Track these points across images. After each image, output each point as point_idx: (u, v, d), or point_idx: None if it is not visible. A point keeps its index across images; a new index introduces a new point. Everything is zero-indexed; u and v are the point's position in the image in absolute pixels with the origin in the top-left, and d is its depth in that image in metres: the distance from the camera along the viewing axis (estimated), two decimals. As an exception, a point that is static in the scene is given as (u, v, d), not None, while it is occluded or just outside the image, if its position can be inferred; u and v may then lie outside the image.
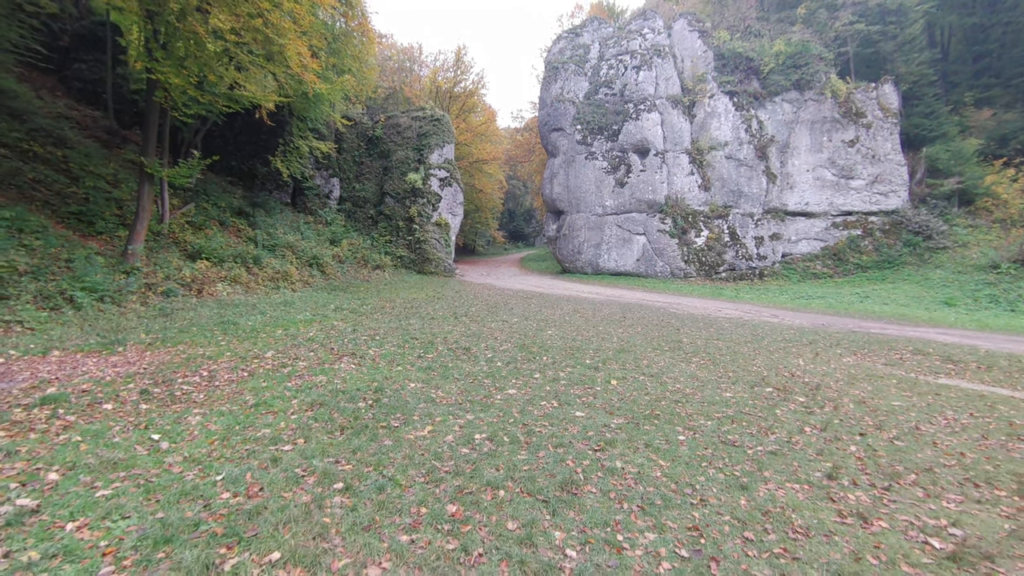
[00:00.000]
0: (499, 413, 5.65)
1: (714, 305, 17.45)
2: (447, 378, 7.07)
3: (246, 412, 5.64)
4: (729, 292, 21.84)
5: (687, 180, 25.65)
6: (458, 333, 10.29)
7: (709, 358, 8.62)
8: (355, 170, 27.91)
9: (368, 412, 5.61)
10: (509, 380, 6.99)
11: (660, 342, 9.87)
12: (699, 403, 6.15)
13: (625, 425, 5.29)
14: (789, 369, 7.99)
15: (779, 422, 5.51)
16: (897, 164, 24.88)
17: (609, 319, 12.82)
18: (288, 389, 6.51)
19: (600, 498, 3.71)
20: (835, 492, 3.94)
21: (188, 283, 14.72)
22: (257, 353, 8.38)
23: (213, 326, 10.76)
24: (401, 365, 7.78)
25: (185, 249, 16.39)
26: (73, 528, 3.18)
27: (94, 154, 17.38)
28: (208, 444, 4.68)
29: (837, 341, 10.53)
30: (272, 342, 9.32)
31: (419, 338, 9.67)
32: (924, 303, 19.68)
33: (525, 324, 11.61)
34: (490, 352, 8.73)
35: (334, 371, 7.39)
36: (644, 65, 26.18)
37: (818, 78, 25.18)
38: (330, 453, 4.46)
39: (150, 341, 9.28)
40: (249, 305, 13.73)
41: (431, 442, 4.74)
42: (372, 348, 8.82)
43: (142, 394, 6.22)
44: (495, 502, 3.60)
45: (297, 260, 19.94)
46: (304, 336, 9.89)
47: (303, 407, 5.78)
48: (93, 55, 20.16)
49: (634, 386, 6.81)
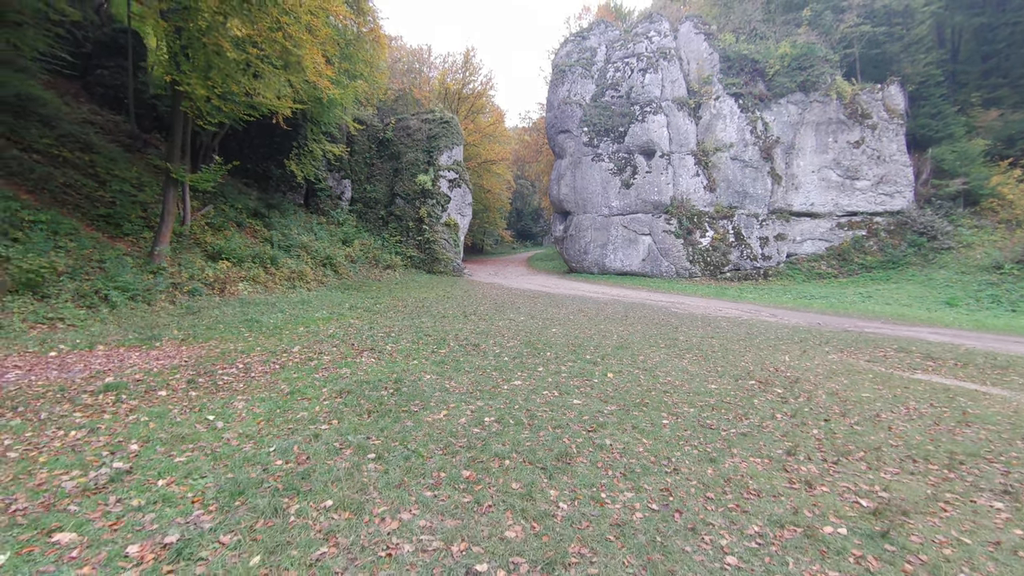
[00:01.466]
0: (506, 400, 6.43)
1: (716, 305, 18.11)
2: (459, 371, 7.87)
3: (283, 399, 6.47)
4: (732, 292, 22.46)
5: (692, 181, 26.28)
6: (468, 330, 11.10)
7: (701, 354, 9.36)
8: (366, 172, 28.82)
9: (391, 399, 6.43)
10: (515, 373, 7.78)
11: (657, 340, 10.61)
12: (685, 393, 6.90)
13: (617, 411, 6.05)
14: (774, 365, 8.71)
15: (754, 410, 6.25)
16: (902, 165, 25.34)
17: (611, 318, 13.56)
18: (317, 380, 7.34)
19: (589, 467, 4.49)
20: (790, 465, 4.69)
21: (211, 282, 15.60)
22: (284, 348, 9.23)
23: (239, 323, 11.60)
24: (416, 359, 8.59)
25: (206, 250, 17.28)
26: (163, 484, 4.02)
27: (118, 158, 18.38)
28: (256, 424, 5.51)
29: (827, 339, 11.21)
30: (296, 338, 10.17)
31: (432, 335, 10.49)
32: (926, 303, 20.17)
33: (531, 322, 12.40)
34: (498, 348, 9.53)
35: (356, 364, 8.22)
36: (650, 68, 26.83)
37: (823, 80, 25.69)
38: (361, 431, 5.27)
39: (183, 337, 10.14)
40: (269, 304, 14.57)
41: (447, 423, 5.54)
42: (389, 344, 9.65)
43: (189, 383, 7.08)
44: (502, 469, 4.39)
45: (312, 260, 20.83)
46: (324, 333, 10.73)
47: (333, 395, 6.61)
48: (115, 61, 21.20)
49: (629, 379, 7.57)
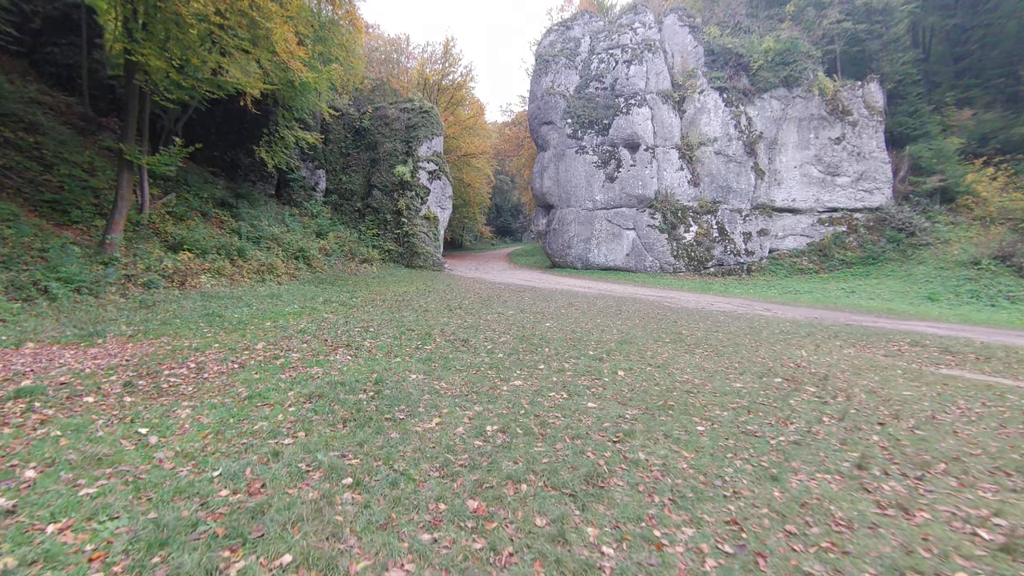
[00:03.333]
0: (508, 404, 5.40)
1: (706, 299, 17.40)
2: (449, 369, 6.79)
3: (240, 405, 5.30)
4: (718, 287, 21.87)
5: (677, 175, 25.62)
6: (455, 325, 10.01)
7: (712, 349, 8.47)
8: (342, 162, 27.33)
9: (370, 404, 5.32)
10: (513, 371, 6.74)
11: (660, 334, 9.71)
12: (711, 393, 5.97)
13: (640, 416, 5.08)
14: (794, 360, 7.88)
15: (795, 412, 5.36)
16: (881, 162, 25.17)
17: (605, 312, 12.63)
18: (283, 381, 6.17)
19: (628, 491, 3.48)
20: (868, 482, 3.78)
21: (170, 274, 14.18)
22: (247, 345, 7.99)
23: (198, 318, 10.32)
24: (399, 356, 7.47)
25: (166, 240, 15.81)
26: (55, 530, 2.84)
27: (69, 141, 16.67)
28: (201, 438, 4.34)
29: (834, 333, 10.49)
30: (261, 334, 8.94)
31: (415, 330, 9.36)
32: (908, 298, 19.92)
33: (521, 316, 11.37)
34: (490, 344, 8.47)
35: (330, 363, 7.06)
36: (635, 59, 26.04)
37: (806, 75, 25.32)
38: (334, 447, 4.16)
39: (131, 333, 8.83)
40: (234, 297, 13.25)
41: (441, 434, 4.47)
42: (367, 340, 8.49)
43: (126, 386, 5.83)
44: (518, 497, 3.35)
45: (283, 253, 19.39)
46: (295, 328, 9.51)
47: (301, 399, 5.46)
48: (67, 38, 19.32)
49: (642, 377, 6.61)
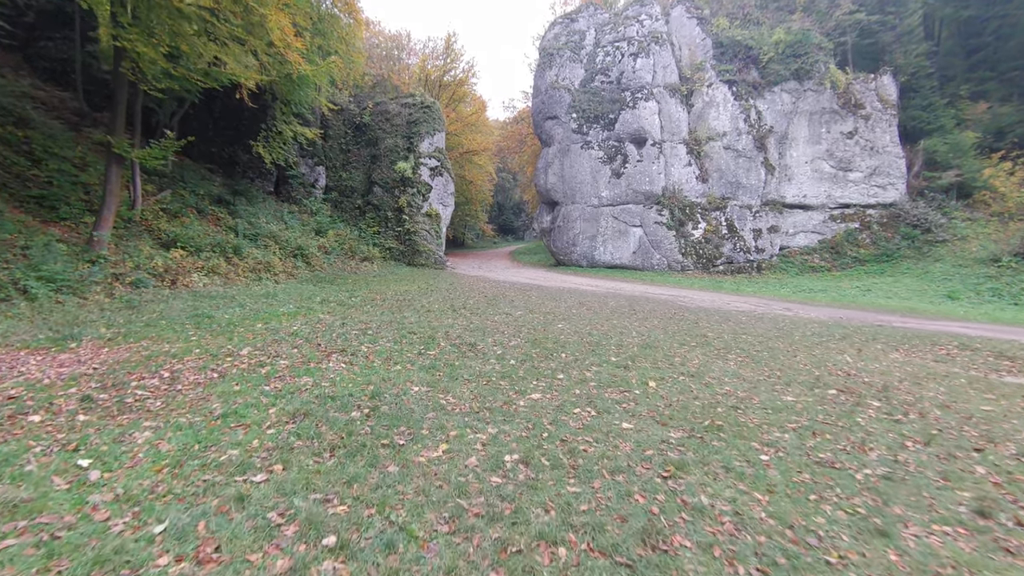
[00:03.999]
0: (527, 424, 4.52)
1: (720, 298, 16.52)
2: (456, 379, 5.91)
3: (211, 425, 4.43)
4: (729, 285, 20.98)
5: (684, 171, 24.71)
6: (460, 327, 9.13)
7: (745, 355, 7.59)
8: (342, 158, 26.43)
9: (364, 424, 4.44)
10: (529, 381, 5.86)
11: (684, 337, 8.82)
12: (761, 409, 5.09)
13: (688, 440, 4.20)
14: (840, 367, 7.00)
15: (869, 434, 4.48)
16: (895, 156, 24.24)
17: (618, 312, 11.76)
18: (265, 394, 5.30)
19: (701, 556, 2.60)
20: (1002, 537, 2.91)
21: (160, 273, 13.33)
22: (231, 350, 7.12)
23: (185, 319, 9.47)
24: (399, 364, 6.60)
25: (159, 238, 14.96)
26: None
27: (59, 135, 15.80)
28: (154, 472, 3.47)
29: (871, 336, 9.60)
30: (250, 337, 8.07)
31: (417, 333, 8.48)
32: (927, 296, 19.04)
33: (531, 317, 10.49)
34: (499, 348, 7.59)
35: (321, 371, 6.18)
36: (641, 52, 25.11)
37: (817, 68, 24.38)
38: (316, 486, 3.29)
39: (110, 336, 7.98)
40: (227, 297, 12.40)
41: (449, 467, 3.59)
42: (365, 344, 7.62)
43: (83, 402, 4.97)
44: (558, 568, 2.48)
45: (281, 251, 18.52)
46: (287, 330, 8.64)
47: (283, 418, 4.59)
48: (61, 32, 18.46)
49: (677, 388, 5.73)
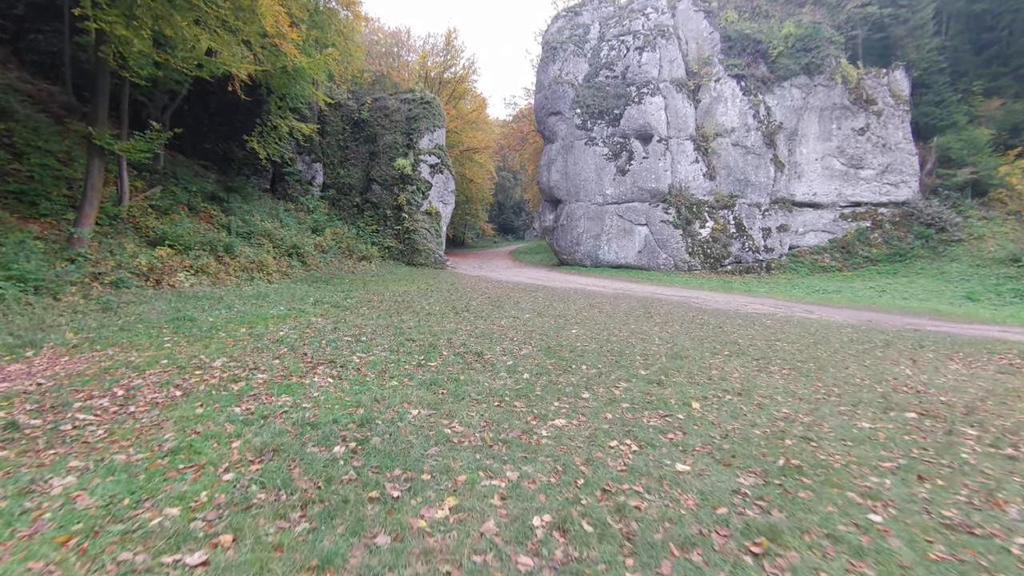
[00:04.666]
0: (554, 464, 3.53)
1: (734, 299, 15.55)
2: (462, 399, 4.92)
3: (154, 466, 3.44)
4: (740, 286, 20.02)
5: (691, 168, 23.72)
6: (464, 333, 8.13)
7: (788, 366, 6.61)
8: (340, 155, 25.38)
9: (349, 465, 3.45)
10: (549, 402, 4.87)
11: (713, 344, 7.84)
12: (837, 441, 4.10)
13: (765, 490, 3.21)
14: (902, 381, 6.03)
15: (988, 478, 3.50)
16: (908, 153, 23.29)
17: (632, 315, 10.78)
18: (233, 419, 4.31)
19: None
20: None
21: (144, 272, 12.33)
22: (203, 361, 6.12)
23: (164, 323, 8.48)
24: (396, 378, 5.60)
25: (147, 235, 13.97)
26: None
27: (44, 129, 14.76)
28: (54, 548, 2.48)
29: (916, 342, 8.62)
30: (230, 344, 7.08)
31: (416, 339, 7.48)
32: (944, 298, 18.09)
33: (540, 321, 9.50)
34: (510, 358, 6.60)
35: (304, 388, 5.19)
36: (647, 46, 24.11)
37: (828, 62, 23.41)
38: (274, 573, 2.30)
39: (76, 343, 6.99)
40: (215, 298, 11.40)
41: (459, 541, 2.59)
42: (357, 353, 6.62)
43: (5, 430, 3.97)
44: None
45: (275, 249, 17.50)
46: (272, 336, 7.64)
47: (247, 455, 3.59)
48: (52, 25, 17.43)
49: (727, 411, 4.75)
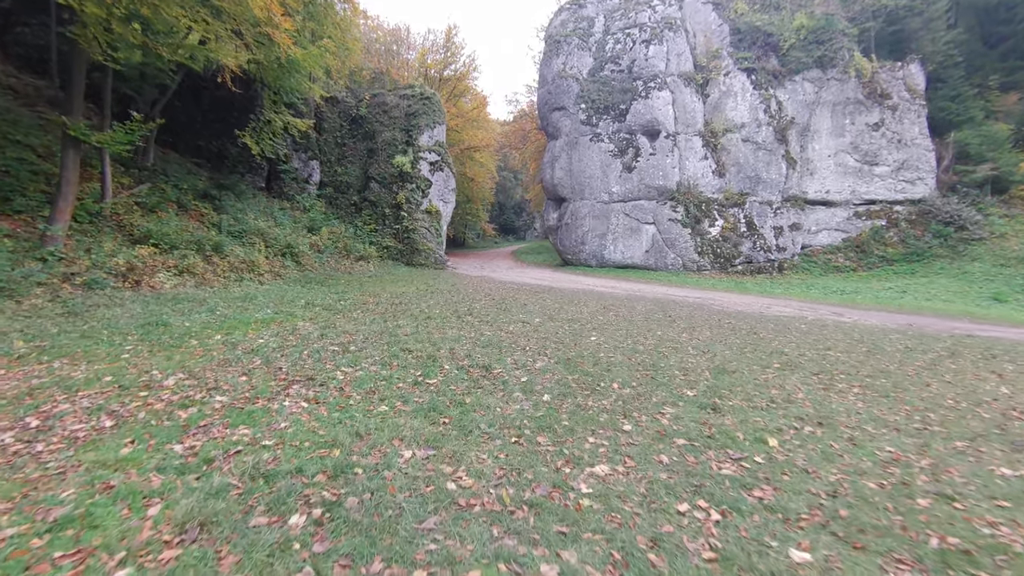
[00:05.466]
0: (607, 549, 2.38)
1: (753, 301, 14.41)
2: (469, 432, 3.76)
3: (17, 553, 2.28)
4: (754, 286, 18.87)
5: (700, 165, 22.55)
6: (468, 341, 6.97)
7: (857, 383, 5.45)
8: (337, 152, 24.22)
9: (306, 551, 2.30)
10: (582, 436, 3.72)
11: (756, 354, 6.68)
12: (987, 501, 2.95)
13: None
14: (1007, 403, 4.86)
15: None
16: (925, 149, 22.13)
17: (652, 319, 9.62)
18: (165, 466, 3.15)
19: None
20: None
21: (122, 273, 11.18)
22: (153, 379, 4.97)
23: (133, 329, 7.34)
24: (387, 401, 4.45)
25: (131, 234, 12.85)
26: None
27: (24, 122, 13.63)
28: None
29: (986, 351, 7.45)
30: (198, 355, 5.93)
31: (414, 349, 6.31)
32: (969, 298, 16.97)
33: (553, 327, 8.34)
34: (524, 373, 5.44)
35: (269, 416, 4.03)
36: (654, 39, 22.96)
37: (841, 55, 22.26)
38: None
39: (25, 352, 5.90)
40: (197, 300, 10.26)
41: None
42: (342, 368, 5.45)
43: None
44: None
45: (268, 249, 16.34)
46: (248, 345, 6.49)
47: (163, 533, 2.43)
48: (39, 18, 16.32)
49: (814, 450, 3.59)
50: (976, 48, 24.89)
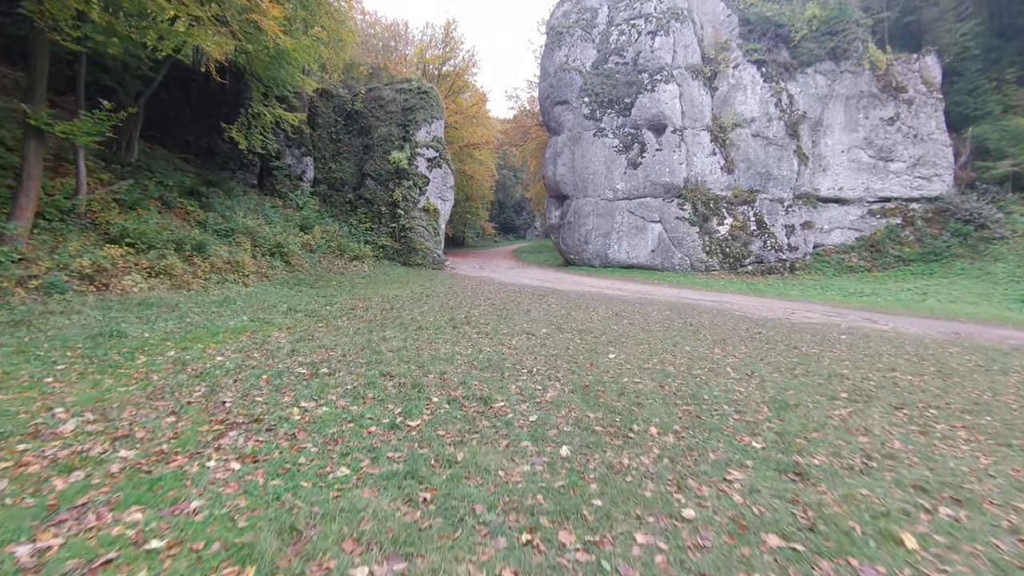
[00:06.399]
0: None
1: (773, 305, 13.18)
2: (459, 522, 2.53)
3: None
4: (767, 288, 17.63)
5: (708, 161, 21.28)
6: (463, 361, 5.73)
7: (959, 422, 4.20)
8: (332, 148, 22.91)
9: None
10: (625, 533, 2.46)
11: (812, 378, 5.44)
12: None
13: None
14: None
15: None
16: (942, 145, 20.87)
17: (672, 328, 8.39)
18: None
19: None
20: None
21: (88, 275, 9.94)
22: (49, 422, 3.72)
23: (80, 341, 6.12)
24: (350, 459, 3.21)
25: (106, 232, 11.64)
26: None
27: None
28: None
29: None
30: (136, 379, 4.72)
31: (396, 374, 5.07)
32: (995, 301, 15.72)
33: (562, 339, 7.09)
34: (532, 409, 4.21)
35: (177, 490, 2.78)
36: (660, 30, 21.66)
37: (855, 47, 20.98)
38: None
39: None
40: (168, 305, 8.99)
41: None
42: (302, 402, 4.21)
43: None
44: None
45: (256, 248, 15.10)
46: (200, 366, 5.24)
47: None
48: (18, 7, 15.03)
49: (976, 556, 2.39)
50: (992, 41, 23.61)
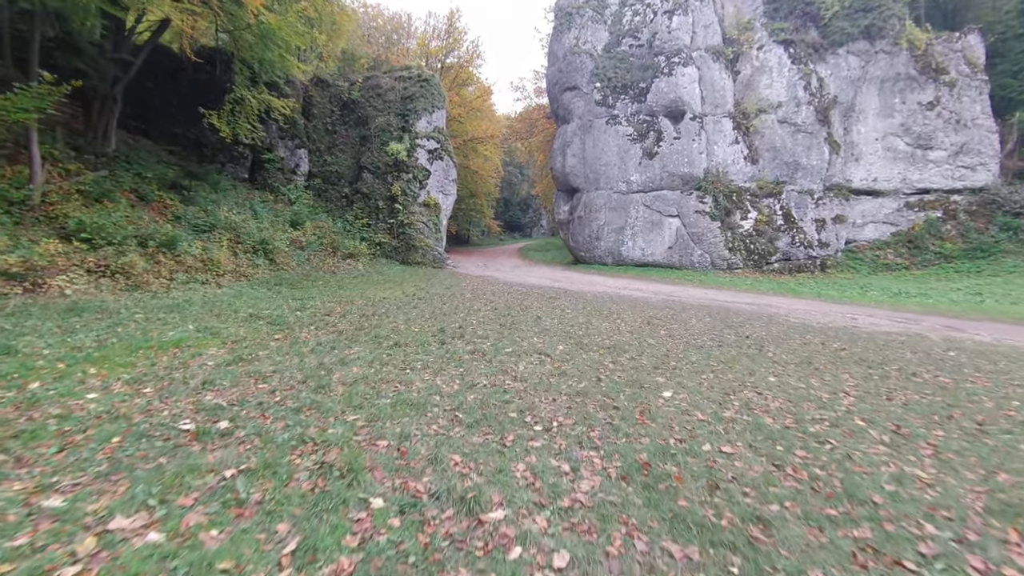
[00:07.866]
0: None
1: (823, 309, 11.00)
2: None
3: None
4: (800, 288, 15.39)
5: (731, 150, 19.03)
6: (444, 409, 3.62)
7: None
8: (327, 140, 20.84)
9: None
10: None
11: (994, 440, 3.33)
12: None
13: None
14: None
15: None
16: (987, 131, 18.46)
17: (725, 342, 6.27)
18: None
19: None
20: None
21: (16, 274, 7.94)
22: None
23: None
24: None
25: (63, 226, 9.66)
26: None
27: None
28: None
29: None
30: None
31: (327, 439, 2.98)
32: (1062, 302, 13.37)
33: (589, 361, 4.98)
34: (556, 531, 2.14)
35: None
36: (677, 9, 19.42)
37: (891, 25, 18.62)
38: None
39: None
40: (104, 310, 6.96)
41: None
42: (116, 518, 2.14)
43: None
44: None
45: (238, 245, 13.10)
46: (49, 409, 3.14)
47: None
48: None
49: None
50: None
